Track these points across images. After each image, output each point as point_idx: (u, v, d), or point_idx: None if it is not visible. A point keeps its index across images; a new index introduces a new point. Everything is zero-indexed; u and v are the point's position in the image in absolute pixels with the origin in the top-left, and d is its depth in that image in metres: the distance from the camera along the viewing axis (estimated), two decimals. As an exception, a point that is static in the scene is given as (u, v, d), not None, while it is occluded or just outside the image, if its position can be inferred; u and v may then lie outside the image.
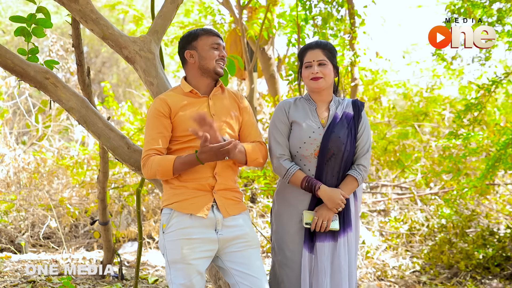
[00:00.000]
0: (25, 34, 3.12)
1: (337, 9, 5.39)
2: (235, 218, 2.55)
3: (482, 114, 5.58)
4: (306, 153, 2.71)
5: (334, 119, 2.73)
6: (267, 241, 5.46)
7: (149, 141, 2.52)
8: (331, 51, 2.76)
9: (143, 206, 6.09)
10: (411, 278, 5.05)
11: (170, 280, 2.49)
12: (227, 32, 7.45)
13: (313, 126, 2.73)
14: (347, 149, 2.70)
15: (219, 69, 2.59)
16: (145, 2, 12.96)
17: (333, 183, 2.71)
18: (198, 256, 2.46)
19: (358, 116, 2.76)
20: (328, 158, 2.69)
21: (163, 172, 2.46)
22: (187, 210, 2.48)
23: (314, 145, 2.70)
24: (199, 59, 2.58)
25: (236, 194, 2.60)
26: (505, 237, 5.30)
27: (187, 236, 2.46)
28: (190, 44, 2.60)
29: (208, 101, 2.59)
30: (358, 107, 2.79)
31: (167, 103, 2.54)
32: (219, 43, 2.60)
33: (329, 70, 2.73)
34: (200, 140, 2.34)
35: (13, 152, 6.44)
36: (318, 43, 2.78)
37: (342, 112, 2.76)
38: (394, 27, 20.30)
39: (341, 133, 2.70)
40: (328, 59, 2.73)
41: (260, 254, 2.61)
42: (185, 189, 2.50)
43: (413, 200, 6.75)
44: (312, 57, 2.73)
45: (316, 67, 2.71)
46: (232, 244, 2.52)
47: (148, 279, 4.59)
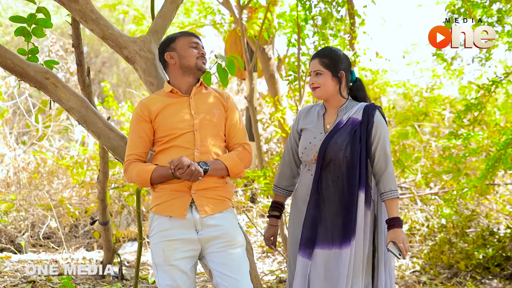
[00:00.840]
0: (25, 34, 3.12)
1: (337, 9, 5.38)
2: (215, 217, 2.52)
3: (482, 114, 5.58)
4: (307, 159, 2.75)
5: (337, 125, 2.73)
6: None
7: (130, 145, 2.57)
8: (330, 58, 2.74)
9: (143, 206, 6.09)
10: (411, 278, 5.05)
11: (158, 282, 2.52)
12: (227, 32, 7.45)
13: (316, 132, 2.76)
14: (346, 155, 2.66)
15: (201, 64, 2.61)
16: (145, 2, 12.96)
17: (332, 190, 2.67)
18: (180, 256, 2.47)
19: (367, 122, 2.69)
20: (326, 164, 2.68)
21: (141, 182, 2.52)
22: (166, 212, 2.50)
23: (314, 151, 2.72)
24: (179, 59, 2.60)
25: (219, 193, 2.56)
26: (505, 237, 5.30)
27: (168, 238, 2.48)
28: (169, 47, 2.63)
29: (189, 100, 2.60)
30: (368, 112, 2.70)
31: (147, 106, 2.57)
32: (197, 42, 2.63)
33: (325, 79, 2.72)
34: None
35: (13, 152, 6.45)
36: (317, 53, 2.79)
37: (348, 117, 2.73)
38: (394, 27, 20.30)
39: (339, 139, 2.67)
40: (326, 68, 2.73)
41: (244, 253, 2.58)
42: (164, 191, 2.51)
43: (413, 200, 6.75)
44: (311, 67, 2.77)
45: (313, 77, 2.75)
46: (213, 244, 2.51)
47: (148, 279, 4.59)
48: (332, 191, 2.68)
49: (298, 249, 2.69)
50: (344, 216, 2.65)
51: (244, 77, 7.46)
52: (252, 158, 2.71)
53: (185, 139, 2.52)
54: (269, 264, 5.41)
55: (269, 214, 2.94)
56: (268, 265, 5.37)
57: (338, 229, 2.65)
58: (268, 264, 5.39)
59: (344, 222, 2.65)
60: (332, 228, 2.65)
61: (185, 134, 2.52)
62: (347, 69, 2.77)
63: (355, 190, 2.64)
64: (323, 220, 2.67)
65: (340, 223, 2.65)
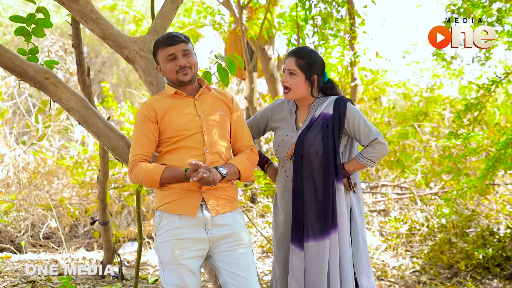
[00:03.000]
0: (25, 34, 3.12)
1: (337, 9, 5.39)
2: (225, 216, 2.54)
3: (482, 114, 5.57)
4: (280, 155, 2.82)
5: (310, 122, 2.77)
6: (267, 241, 5.46)
7: (136, 146, 2.55)
8: (307, 61, 2.74)
9: (143, 206, 6.09)
10: (411, 278, 5.05)
11: (164, 282, 2.51)
12: (227, 32, 7.46)
13: (288, 129, 2.82)
14: (318, 150, 2.71)
15: (182, 77, 2.56)
16: (145, 2, 12.96)
17: (306, 185, 2.74)
18: (189, 256, 2.47)
19: (339, 113, 2.73)
20: (301, 160, 2.74)
21: (150, 182, 2.51)
22: (176, 210, 2.49)
23: (286, 148, 2.79)
24: (164, 73, 2.62)
25: (228, 193, 2.58)
26: (505, 237, 5.30)
27: (178, 237, 2.47)
28: (156, 59, 2.64)
29: (194, 102, 2.60)
30: (339, 104, 2.75)
31: (153, 107, 2.56)
32: (174, 53, 2.54)
33: (297, 80, 2.74)
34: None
35: (13, 152, 6.44)
36: (295, 51, 2.79)
37: (319, 113, 2.78)
38: (394, 27, 20.30)
39: (310, 136, 2.73)
40: (300, 69, 2.74)
41: (252, 253, 2.60)
42: (174, 190, 2.51)
43: (413, 200, 6.75)
44: (286, 65, 2.78)
45: (285, 76, 2.77)
46: (222, 243, 2.52)
47: (148, 279, 4.59)
48: (306, 186, 2.75)
49: (291, 240, 2.74)
50: (321, 209, 2.72)
51: (244, 77, 7.47)
52: (257, 161, 2.76)
53: (194, 139, 2.53)
54: (269, 264, 5.41)
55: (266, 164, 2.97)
56: (268, 265, 5.37)
57: (319, 222, 2.72)
58: (268, 264, 5.39)
59: (320, 215, 2.71)
60: (312, 221, 2.73)
61: (194, 135, 2.53)
62: (320, 72, 2.80)
63: (330, 184, 2.71)
64: (304, 215, 2.74)
65: (316, 216, 2.72)
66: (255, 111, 5.63)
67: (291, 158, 2.79)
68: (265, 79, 7.40)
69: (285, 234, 2.83)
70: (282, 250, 2.84)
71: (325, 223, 2.70)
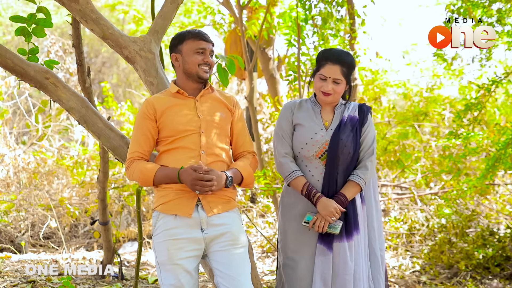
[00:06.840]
0: (25, 34, 3.12)
1: (337, 9, 5.38)
2: (221, 216, 2.53)
3: (482, 114, 5.58)
4: (308, 154, 2.76)
5: (340, 122, 2.78)
6: (267, 241, 5.46)
7: (134, 143, 2.57)
8: (350, 67, 2.75)
9: (143, 206, 6.09)
10: (411, 278, 5.05)
11: (161, 282, 2.51)
12: (227, 32, 7.45)
13: (315, 127, 2.77)
14: (349, 151, 2.74)
15: (202, 73, 2.58)
16: (145, 2, 12.96)
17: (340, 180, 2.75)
18: (185, 255, 2.47)
19: (363, 120, 2.80)
20: (332, 160, 2.73)
21: (144, 181, 2.51)
22: (171, 211, 2.50)
23: (316, 147, 2.75)
24: (183, 63, 2.59)
25: (225, 193, 2.57)
26: (505, 237, 5.30)
27: (173, 237, 2.47)
28: (176, 48, 2.62)
29: (195, 102, 2.60)
30: (364, 111, 2.83)
31: (153, 105, 2.56)
32: (205, 48, 2.58)
33: (342, 88, 2.76)
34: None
35: (13, 152, 6.44)
36: (340, 59, 2.72)
37: (347, 115, 2.80)
38: (394, 27, 20.31)
39: (343, 136, 2.73)
40: (345, 77, 2.74)
41: (247, 255, 2.59)
42: (170, 190, 2.51)
43: (413, 200, 6.75)
44: (329, 72, 2.71)
45: (330, 84, 2.72)
46: (217, 243, 2.51)
47: (148, 279, 4.59)
48: (338, 185, 2.75)
49: (317, 241, 2.71)
50: (349, 209, 2.74)
51: (244, 77, 7.46)
52: (257, 167, 2.76)
53: (191, 140, 2.52)
54: (269, 264, 5.41)
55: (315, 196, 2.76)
56: (268, 265, 5.37)
57: (345, 222, 2.73)
58: (268, 264, 5.39)
59: (351, 218, 2.74)
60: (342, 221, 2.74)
61: (191, 135, 2.53)
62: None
63: None
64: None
65: (343, 216, 2.74)
66: (255, 111, 5.62)
67: (320, 157, 2.76)
68: (265, 79, 7.40)
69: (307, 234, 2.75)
70: (300, 253, 2.74)
71: (352, 224, 2.73)
